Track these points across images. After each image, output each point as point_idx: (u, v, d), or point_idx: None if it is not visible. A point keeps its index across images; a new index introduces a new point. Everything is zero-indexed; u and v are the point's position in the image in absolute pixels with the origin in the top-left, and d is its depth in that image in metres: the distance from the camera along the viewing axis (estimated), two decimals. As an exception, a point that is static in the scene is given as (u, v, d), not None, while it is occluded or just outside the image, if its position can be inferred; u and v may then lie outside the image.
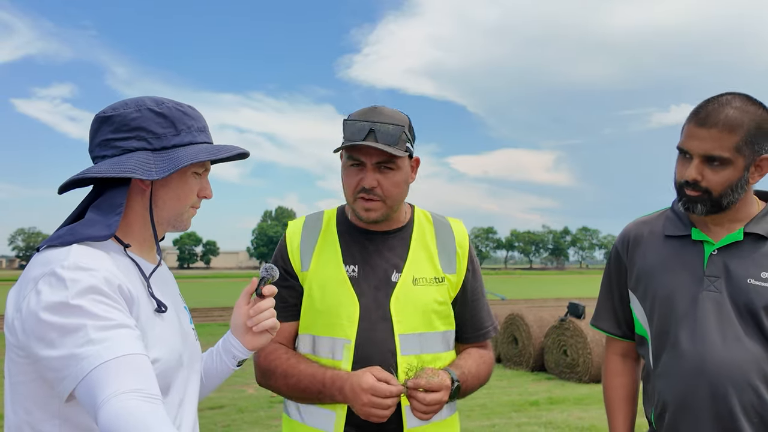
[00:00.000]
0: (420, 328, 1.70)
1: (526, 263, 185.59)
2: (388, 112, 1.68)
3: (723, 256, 1.62)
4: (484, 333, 1.86)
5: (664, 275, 1.68)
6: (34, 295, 1.08)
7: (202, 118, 1.34)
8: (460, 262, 1.81)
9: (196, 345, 1.39)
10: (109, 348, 1.03)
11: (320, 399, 1.64)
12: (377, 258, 1.74)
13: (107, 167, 1.21)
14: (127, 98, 1.30)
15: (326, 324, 1.68)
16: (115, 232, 1.19)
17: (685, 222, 1.70)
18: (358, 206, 1.69)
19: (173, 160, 1.23)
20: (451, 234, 1.83)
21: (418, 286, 1.72)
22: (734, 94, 1.60)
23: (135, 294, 1.17)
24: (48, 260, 1.12)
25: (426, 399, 1.54)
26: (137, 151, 1.24)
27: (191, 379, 1.33)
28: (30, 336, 1.07)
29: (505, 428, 6.03)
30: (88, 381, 1.01)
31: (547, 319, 9.52)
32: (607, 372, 1.89)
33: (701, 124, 1.57)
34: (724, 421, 1.55)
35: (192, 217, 1.36)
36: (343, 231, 1.79)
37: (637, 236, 1.78)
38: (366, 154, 1.65)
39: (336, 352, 1.67)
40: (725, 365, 1.55)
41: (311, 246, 1.76)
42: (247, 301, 1.45)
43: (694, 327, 1.60)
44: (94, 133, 1.27)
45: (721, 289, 1.60)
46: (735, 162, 1.55)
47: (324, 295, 1.70)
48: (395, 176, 1.68)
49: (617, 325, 1.84)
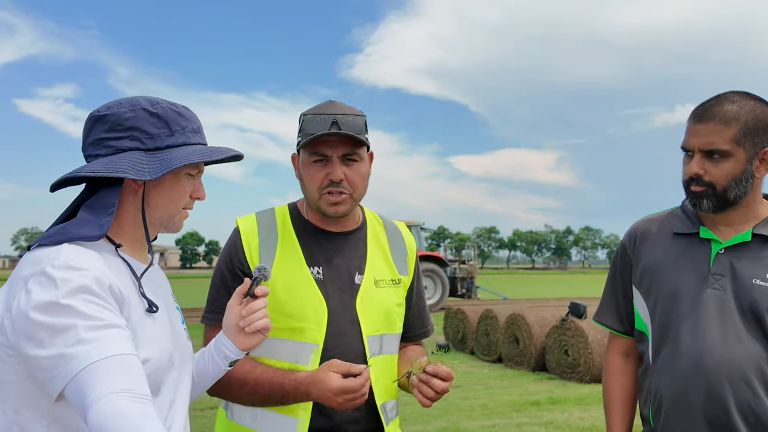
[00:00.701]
0: (382, 329, 1.72)
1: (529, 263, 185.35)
2: (346, 105, 1.69)
3: (729, 255, 1.63)
4: (425, 332, 1.92)
5: (669, 272, 1.69)
6: (24, 295, 1.08)
7: (196, 119, 1.33)
8: (410, 263, 1.85)
9: (188, 345, 1.39)
10: (99, 348, 1.03)
11: (284, 403, 1.62)
12: (339, 259, 1.72)
13: (100, 167, 1.20)
14: (123, 97, 1.30)
15: (291, 328, 1.64)
16: (106, 233, 1.19)
17: (694, 220, 1.71)
18: (324, 202, 1.66)
19: (166, 161, 1.22)
20: (401, 236, 1.86)
21: (380, 287, 1.74)
22: (733, 91, 1.63)
23: (126, 294, 1.17)
24: (38, 259, 1.12)
25: (441, 386, 1.58)
26: (130, 151, 1.23)
27: (182, 379, 1.32)
28: (20, 335, 1.06)
29: (505, 428, 6.02)
30: (78, 381, 1.01)
31: (548, 319, 9.50)
32: (608, 371, 1.88)
33: (699, 120, 1.61)
34: (719, 418, 1.56)
35: (184, 219, 1.35)
36: (300, 231, 1.74)
37: (644, 232, 1.79)
38: (331, 146, 1.63)
39: (301, 357, 1.63)
40: (724, 363, 1.55)
41: (271, 247, 1.70)
42: (239, 302, 1.45)
43: (695, 324, 1.60)
44: (87, 132, 1.27)
45: (725, 287, 1.60)
46: (735, 154, 1.57)
47: (290, 297, 1.65)
48: (360, 168, 1.68)
49: (620, 322, 1.84)
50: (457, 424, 6.19)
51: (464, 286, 23.82)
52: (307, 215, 1.76)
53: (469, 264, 24.79)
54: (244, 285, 1.44)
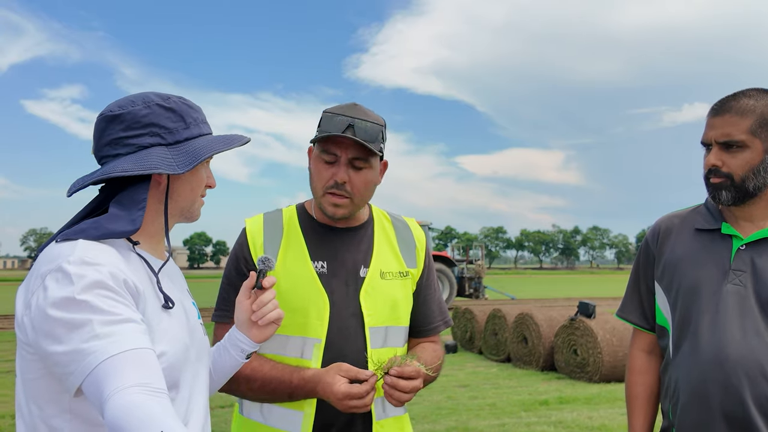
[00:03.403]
0: (387, 321, 1.71)
1: (536, 263, 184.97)
2: (368, 110, 1.69)
3: (751, 251, 1.64)
4: (435, 327, 1.88)
5: (690, 267, 1.70)
6: (41, 292, 1.09)
7: (201, 110, 1.36)
8: (419, 256, 1.84)
9: (205, 340, 1.39)
10: (115, 343, 1.03)
11: (293, 399, 1.63)
12: (344, 253, 1.73)
13: (131, 165, 1.20)
14: (128, 95, 1.30)
15: (295, 323, 1.65)
16: (139, 227, 1.21)
17: (716, 217, 1.72)
18: (326, 201, 1.68)
19: (191, 154, 1.25)
20: (409, 230, 1.86)
21: (386, 279, 1.74)
22: (751, 88, 1.66)
23: (141, 289, 1.17)
24: (55, 256, 1.13)
25: (408, 386, 1.55)
26: (153, 147, 1.25)
27: (200, 374, 1.33)
28: (38, 332, 1.07)
29: (514, 427, 6.01)
30: (95, 376, 1.01)
31: (557, 319, 9.48)
32: (632, 369, 1.89)
33: (716, 113, 1.65)
34: (736, 412, 1.56)
35: (201, 207, 1.38)
36: (307, 228, 1.76)
37: (668, 228, 1.81)
38: (342, 147, 1.64)
39: (305, 352, 1.65)
40: (742, 358, 1.56)
41: (276, 244, 1.73)
42: (248, 296, 1.46)
43: (715, 319, 1.61)
44: (101, 133, 1.27)
45: (746, 283, 1.61)
46: (752, 145, 1.60)
47: (293, 293, 1.67)
48: (366, 174, 1.68)
49: (644, 318, 1.85)
50: (466, 423, 6.19)
51: (472, 286, 23.82)
52: (314, 213, 1.78)
53: (477, 264, 24.79)
54: (251, 279, 1.45)
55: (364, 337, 1.67)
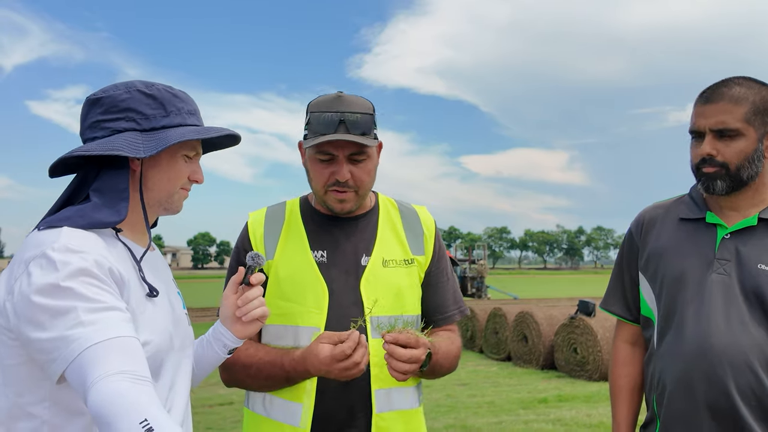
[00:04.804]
0: (391, 310, 1.66)
1: (540, 263, 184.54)
2: (355, 99, 1.65)
3: (735, 240, 1.62)
4: (449, 316, 1.83)
5: (675, 256, 1.68)
6: (25, 278, 1.09)
7: (193, 102, 1.35)
8: (428, 243, 1.79)
9: (189, 330, 1.39)
10: (99, 330, 1.03)
11: (291, 383, 1.62)
12: (346, 242, 1.71)
13: (95, 146, 1.21)
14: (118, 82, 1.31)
15: (293, 312, 1.64)
16: (125, 217, 1.21)
17: (701, 206, 1.70)
18: (330, 199, 1.66)
19: (161, 140, 1.23)
20: (417, 217, 1.82)
21: (388, 267, 1.70)
22: (737, 76, 1.64)
23: (126, 277, 1.18)
24: (39, 242, 1.13)
25: (405, 355, 1.49)
26: (126, 132, 1.24)
27: (183, 363, 1.33)
28: (21, 318, 1.07)
29: (512, 425, 6.02)
30: (78, 363, 1.01)
31: (557, 317, 9.48)
32: (615, 360, 1.88)
33: (707, 101, 1.62)
34: (721, 403, 1.55)
35: (183, 200, 1.35)
36: (308, 218, 1.75)
37: (652, 218, 1.79)
38: (338, 146, 1.61)
39: (303, 341, 1.62)
40: (727, 347, 1.55)
41: (275, 234, 1.72)
42: (235, 291, 1.45)
43: (699, 308, 1.60)
44: (84, 116, 1.28)
45: (730, 272, 1.60)
46: (746, 133, 1.58)
47: (291, 282, 1.66)
48: (367, 165, 1.66)
49: (627, 309, 1.84)
50: (464, 421, 6.20)
51: (474, 286, 23.82)
52: (315, 205, 1.77)
53: (479, 263, 24.79)
54: (239, 274, 1.43)
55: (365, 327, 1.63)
